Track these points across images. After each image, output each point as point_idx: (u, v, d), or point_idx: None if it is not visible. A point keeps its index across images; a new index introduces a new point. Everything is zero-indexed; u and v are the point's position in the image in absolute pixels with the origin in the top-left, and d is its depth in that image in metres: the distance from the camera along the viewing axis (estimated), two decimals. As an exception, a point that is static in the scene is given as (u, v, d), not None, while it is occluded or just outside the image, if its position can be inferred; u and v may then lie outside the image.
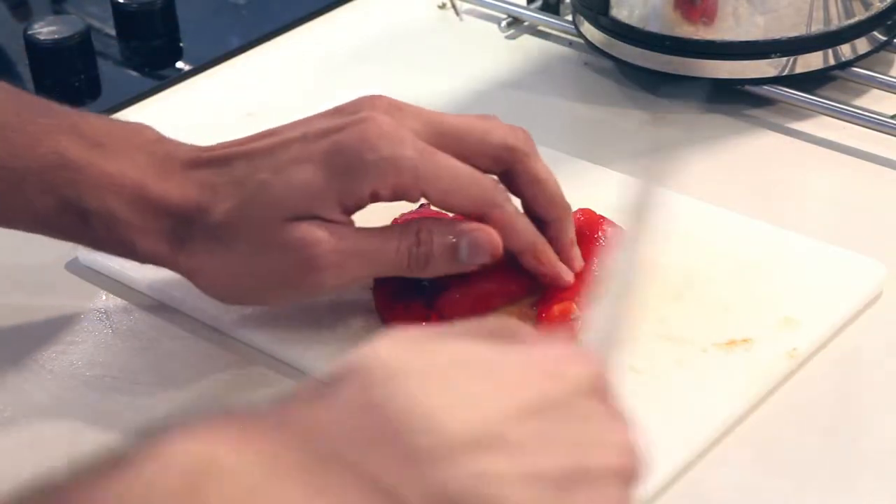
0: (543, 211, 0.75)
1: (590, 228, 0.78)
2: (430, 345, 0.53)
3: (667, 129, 0.95)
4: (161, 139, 0.75)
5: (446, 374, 0.51)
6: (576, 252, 0.76)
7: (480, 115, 0.75)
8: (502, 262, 0.76)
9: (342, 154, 0.71)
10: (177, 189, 0.73)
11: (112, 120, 0.76)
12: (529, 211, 0.75)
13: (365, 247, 0.72)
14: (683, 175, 0.89)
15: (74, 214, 0.73)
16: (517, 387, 0.52)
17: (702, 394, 0.71)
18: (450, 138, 0.73)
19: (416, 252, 0.72)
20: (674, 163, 0.91)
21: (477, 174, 0.73)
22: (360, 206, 0.72)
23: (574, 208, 0.80)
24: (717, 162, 0.91)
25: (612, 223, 0.79)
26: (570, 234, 0.76)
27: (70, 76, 1.02)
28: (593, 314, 0.59)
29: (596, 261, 0.77)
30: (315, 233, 0.71)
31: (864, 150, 0.91)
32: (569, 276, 0.75)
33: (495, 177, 0.74)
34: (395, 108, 0.73)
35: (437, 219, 0.74)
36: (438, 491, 0.49)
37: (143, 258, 0.74)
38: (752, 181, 0.89)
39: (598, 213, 0.79)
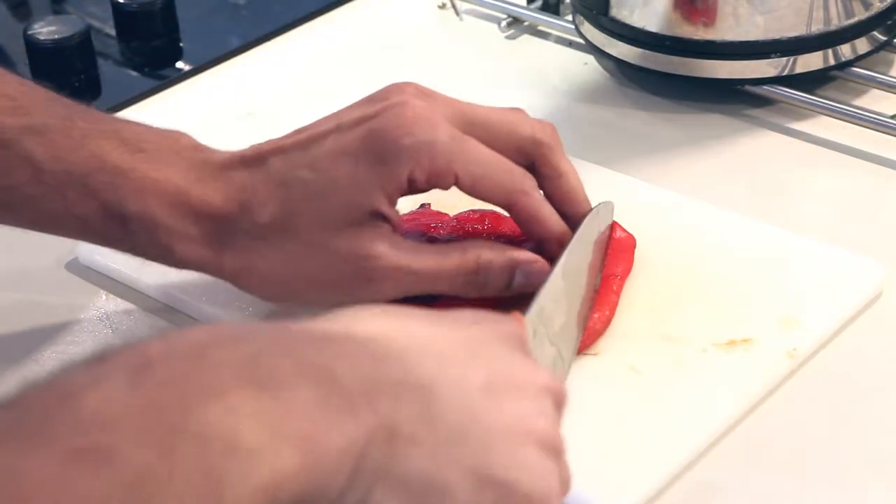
0: (564, 205, 0.75)
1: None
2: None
3: (667, 129, 0.95)
4: (198, 146, 0.75)
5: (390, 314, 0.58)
6: None
7: (509, 108, 0.76)
8: None
9: (378, 140, 0.71)
10: (216, 193, 0.72)
11: (151, 126, 0.76)
12: (551, 204, 0.76)
13: (423, 266, 0.72)
14: (683, 175, 0.90)
15: (115, 219, 0.73)
16: (453, 323, 0.58)
17: (702, 394, 0.71)
18: (479, 127, 0.73)
19: (475, 279, 0.73)
20: (674, 163, 0.91)
21: (507, 161, 0.73)
22: (401, 191, 0.72)
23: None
24: (717, 162, 0.91)
25: (615, 224, 0.79)
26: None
27: (70, 76, 1.02)
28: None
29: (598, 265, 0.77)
30: (376, 246, 0.71)
31: (864, 150, 0.91)
32: None
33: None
34: (424, 94, 0.73)
35: (493, 244, 0.75)
36: (377, 377, 0.53)
37: (183, 263, 0.74)
38: (752, 181, 0.89)
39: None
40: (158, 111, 1.00)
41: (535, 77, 1.01)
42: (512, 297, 0.73)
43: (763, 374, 0.72)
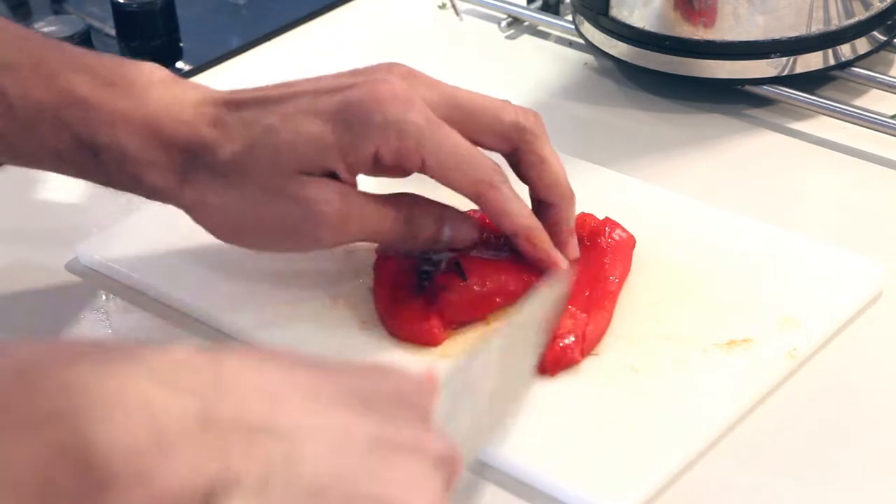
0: (545, 193, 0.76)
1: (591, 236, 0.78)
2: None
3: (667, 129, 0.95)
4: (174, 79, 0.76)
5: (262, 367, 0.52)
6: (573, 241, 0.77)
7: (488, 96, 0.76)
8: (502, 262, 0.76)
9: (350, 111, 0.72)
10: (185, 125, 0.74)
11: (126, 60, 0.77)
12: (533, 194, 0.76)
13: (367, 212, 0.73)
14: (683, 175, 0.90)
15: (86, 150, 0.74)
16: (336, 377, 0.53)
17: (702, 394, 0.71)
18: (462, 112, 0.74)
19: (409, 228, 0.74)
20: (674, 163, 0.91)
21: (478, 153, 0.73)
22: (364, 165, 0.73)
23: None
24: (717, 162, 0.91)
25: (616, 225, 0.79)
26: (570, 220, 0.77)
27: (70, 76, 1.02)
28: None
29: (599, 267, 0.77)
30: (325, 192, 0.72)
31: (864, 150, 0.91)
32: (563, 262, 0.76)
33: (498, 160, 0.75)
34: (412, 75, 0.74)
35: (429, 200, 0.76)
36: (236, 419, 0.49)
37: (148, 192, 0.75)
38: (752, 181, 0.89)
39: (599, 216, 0.79)
40: (158, 111, 1.00)
41: (535, 77, 1.01)
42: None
43: (763, 374, 0.72)
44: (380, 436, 0.52)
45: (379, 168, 0.73)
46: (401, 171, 0.74)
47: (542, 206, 0.76)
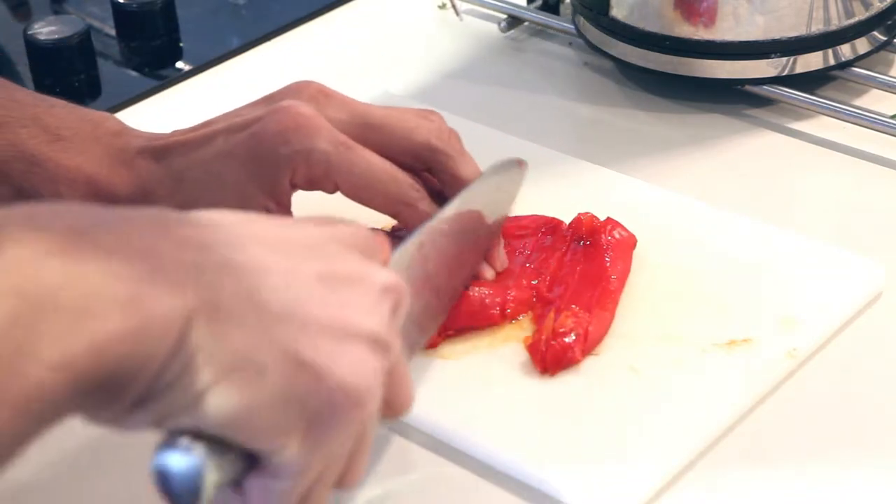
0: None
1: (592, 235, 0.78)
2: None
3: (667, 129, 0.95)
4: (121, 131, 0.77)
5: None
6: (499, 252, 0.77)
7: (418, 110, 0.76)
8: (501, 272, 0.76)
9: (259, 147, 0.73)
10: (123, 183, 0.75)
11: (75, 110, 0.78)
12: None
13: None
14: (683, 175, 0.90)
15: None
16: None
17: (702, 394, 0.71)
18: (374, 131, 0.74)
19: None
20: (674, 163, 0.91)
21: (393, 171, 0.74)
22: (287, 194, 0.73)
23: (574, 209, 0.80)
24: (717, 162, 0.91)
25: (616, 224, 0.79)
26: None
27: (70, 76, 1.02)
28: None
29: (600, 266, 0.77)
30: None
31: (864, 150, 0.91)
32: (489, 274, 0.76)
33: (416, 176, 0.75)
34: (322, 95, 0.75)
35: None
36: (203, 259, 0.53)
37: None
38: (752, 181, 0.89)
39: (599, 216, 0.79)
40: (158, 111, 1.00)
41: (535, 77, 1.01)
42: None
43: (763, 374, 0.72)
44: (329, 270, 0.56)
45: (304, 189, 0.74)
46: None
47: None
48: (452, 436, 0.70)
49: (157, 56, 1.08)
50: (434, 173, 0.75)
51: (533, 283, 0.76)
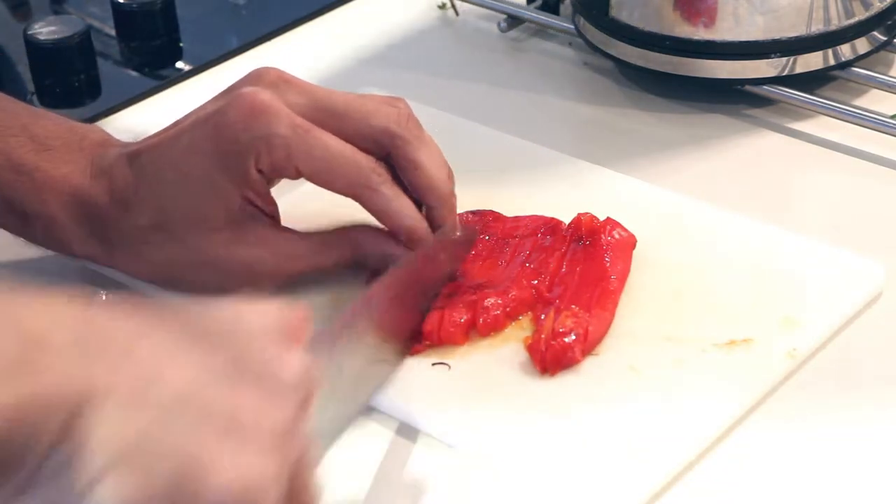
0: (421, 197, 0.76)
1: (592, 235, 0.78)
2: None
3: (667, 129, 0.95)
4: (104, 141, 0.77)
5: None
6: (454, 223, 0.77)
7: (383, 97, 0.76)
8: (495, 278, 0.76)
9: (221, 136, 0.73)
10: (103, 191, 0.75)
11: (63, 121, 0.78)
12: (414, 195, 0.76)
13: (303, 266, 0.75)
14: (683, 175, 0.90)
15: (16, 214, 0.76)
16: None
17: (702, 394, 0.71)
18: (334, 116, 0.74)
19: (352, 256, 0.76)
20: (674, 163, 0.91)
21: (354, 154, 0.74)
22: (260, 183, 0.73)
23: (574, 209, 0.80)
24: (717, 162, 0.91)
25: (616, 224, 0.79)
26: (449, 221, 0.77)
27: (70, 76, 1.02)
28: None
29: (600, 266, 0.77)
30: (254, 251, 0.74)
31: (864, 150, 0.91)
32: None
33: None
34: (282, 80, 0.75)
35: (371, 232, 0.76)
36: (100, 345, 0.52)
37: (79, 258, 0.77)
38: (752, 181, 0.89)
39: (599, 216, 0.79)
40: (158, 111, 1.00)
41: (535, 77, 1.01)
42: None
43: (763, 374, 0.72)
44: (235, 363, 0.54)
45: (274, 177, 0.74)
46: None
47: (425, 208, 0.76)
48: (452, 436, 0.70)
49: (157, 56, 1.08)
50: (393, 159, 0.75)
51: (533, 283, 0.76)
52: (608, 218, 0.79)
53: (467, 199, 0.81)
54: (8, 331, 0.51)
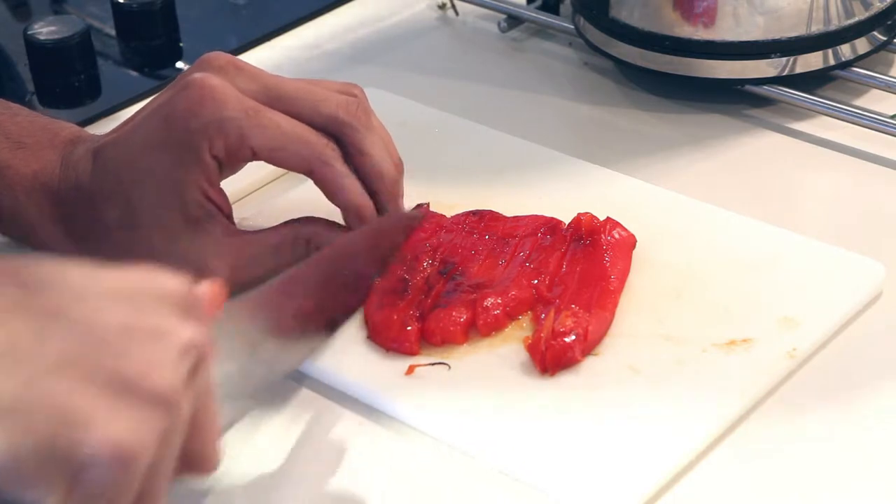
0: (367, 184, 0.76)
1: (591, 235, 0.78)
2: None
3: (667, 129, 0.95)
4: (76, 139, 0.78)
5: None
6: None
7: (338, 83, 0.77)
8: (495, 277, 0.76)
9: (171, 126, 0.73)
10: (71, 187, 0.75)
11: (38, 119, 0.79)
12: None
13: (255, 267, 0.75)
14: (683, 175, 0.90)
15: None
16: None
17: (702, 394, 0.71)
18: (283, 102, 0.75)
19: (297, 254, 0.76)
20: (674, 163, 0.91)
21: (306, 131, 0.74)
22: (216, 173, 0.74)
23: (574, 209, 0.80)
24: (717, 162, 0.91)
25: (616, 224, 0.79)
26: (392, 208, 0.78)
27: (70, 76, 1.02)
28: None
29: (599, 266, 0.77)
30: (206, 254, 0.74)
31: (864, 150, 0.91)
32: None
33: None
34: (232, 66, 0.76)
35: (312, 222, 0.77)
36: None
37: (55, 254, 0.77)
38: (752, 181, 0.89)
39: (599, 216, 0.79)
40: (158, 111, 1.00)
41: (535, 77, 1.01)
42: None
43: (763, 374, 0.72)
44: (131, 322, 0.54)
45: (228, 167, 0.75)
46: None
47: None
48: (452, 436, 0.70)
49: (157, 56, 1.08)
50: (341, 145, 0.76)
51: (533, 282, 0.76)
52: (608, 218, 0.79)
53: (467, 199, 0.81)
54: None
